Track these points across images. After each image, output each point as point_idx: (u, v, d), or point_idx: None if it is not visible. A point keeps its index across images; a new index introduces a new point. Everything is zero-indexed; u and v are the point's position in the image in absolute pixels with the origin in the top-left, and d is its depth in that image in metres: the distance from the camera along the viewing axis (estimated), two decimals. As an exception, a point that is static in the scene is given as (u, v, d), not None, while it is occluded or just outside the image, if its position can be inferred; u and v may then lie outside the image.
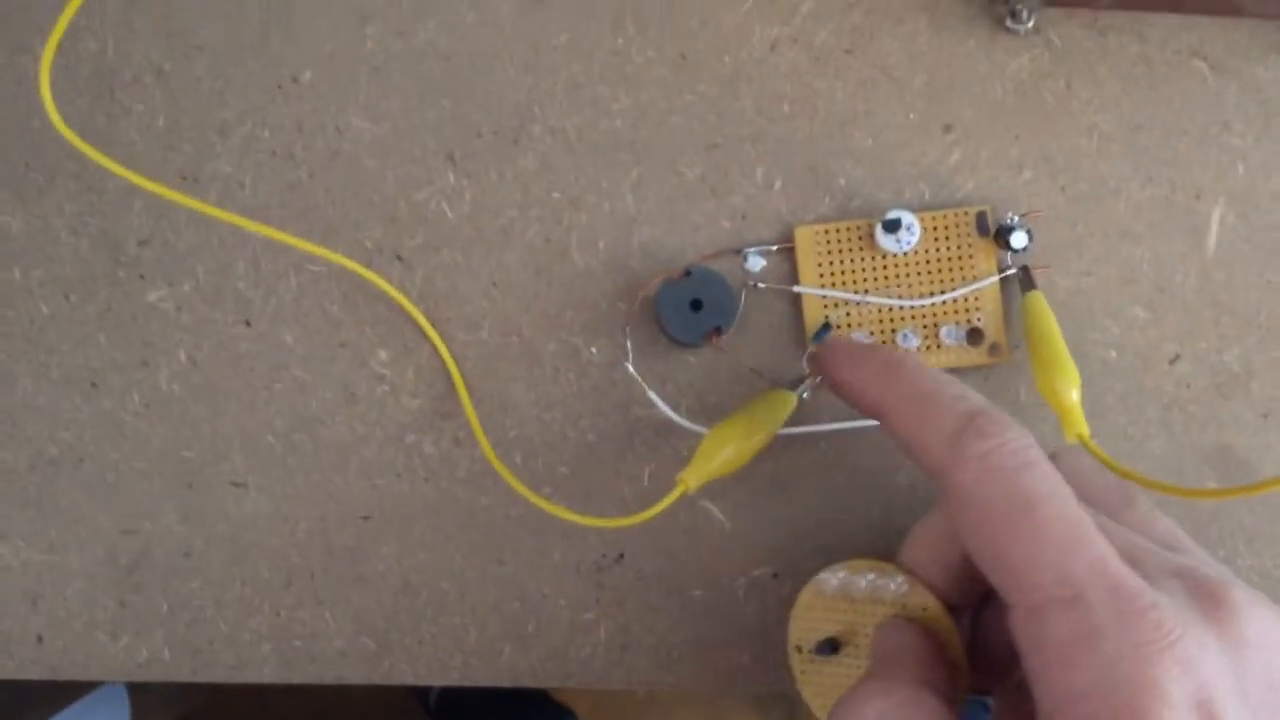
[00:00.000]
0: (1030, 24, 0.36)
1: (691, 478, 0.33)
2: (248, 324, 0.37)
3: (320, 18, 0.37)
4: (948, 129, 0.37)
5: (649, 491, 0.36)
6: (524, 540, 0.37)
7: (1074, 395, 0.34)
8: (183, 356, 0.37)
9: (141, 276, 0.37)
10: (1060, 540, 0.25)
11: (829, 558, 0.36)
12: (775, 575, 0.37)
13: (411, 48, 0.37)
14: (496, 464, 0.35)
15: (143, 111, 0.37)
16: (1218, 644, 0.24)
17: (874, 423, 0.35)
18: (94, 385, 0.37)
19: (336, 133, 0.37)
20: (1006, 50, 0.37)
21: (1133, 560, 0.25)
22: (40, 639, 0.37)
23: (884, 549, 0.36)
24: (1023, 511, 0.25)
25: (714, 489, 0.36)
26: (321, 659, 0.37)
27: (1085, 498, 0.28)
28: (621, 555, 0.37)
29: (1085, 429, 0.34)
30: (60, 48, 0.37)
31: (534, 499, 0.34)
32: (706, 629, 0.37)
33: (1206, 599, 0.25)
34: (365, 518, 0.37)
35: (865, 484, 0.37)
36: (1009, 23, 0.36)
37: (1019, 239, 0.35)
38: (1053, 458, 0.30)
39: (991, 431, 0.26)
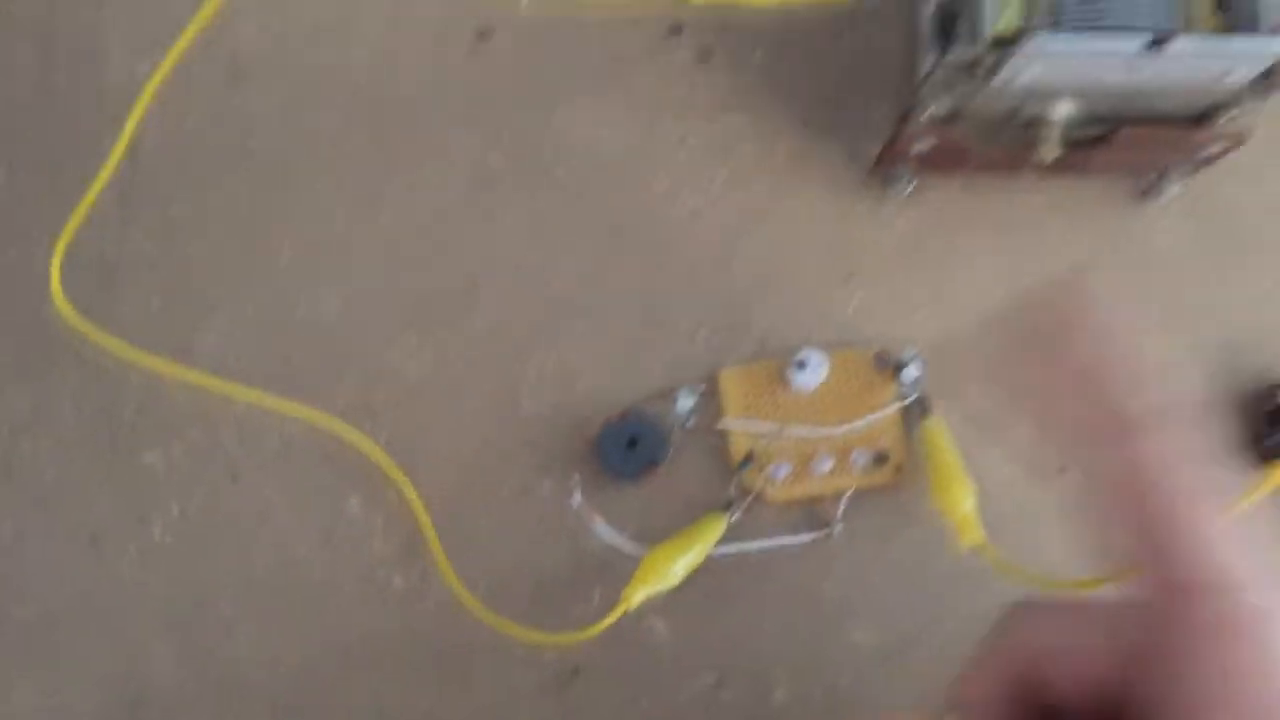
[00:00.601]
0: (910, 188, 0.42)
1: (633, 594, 0.37)
2: (234, 479, 0.41)
3: (295, 207, 0.43)
4: (849, 278, 0.42)
5: (599, 610, 0.40)
6: (488, 665, 0.40)
7: (967, 507, 0.39)
8: (175, 511, 0.41)
9: (137, 441, 0.41)
10: (1236, 537, 0.25)
11: (764, 665, 0.40)
12: (716, 684, 0.40)
13: (375, 229, 0.43)
14: (462, 593, 0.39)
15: (139, 297, 0.42)
16: None
17: (799, 539, 0.40)
18: (94, 541, 0.41)
19: (311, 306, 0.42)
20: (894, 211, 0.43)
21: None
22: (45, 780, 0.40)
23: (812, 655, 0.40)
24: (1206, 500, 0.26)
25: (657, 606, 0.40)
26: (306, 784, 0.40)
27: None
28: (577, 671, 0.40)
29: (980, 537, 0.39)
30: (66, 245, 0.42)
31: (494, 621, 0.38)
32: (658, 738, 0.40)
33: None
34: (343, 652, 0.41)
35: (794, 595, 0.41)
36: (891, 189, 0.42)
37: (910, 373, 0.41)
38: None
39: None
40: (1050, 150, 0.37)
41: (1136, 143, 0.37)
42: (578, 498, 0.40)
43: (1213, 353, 0.42)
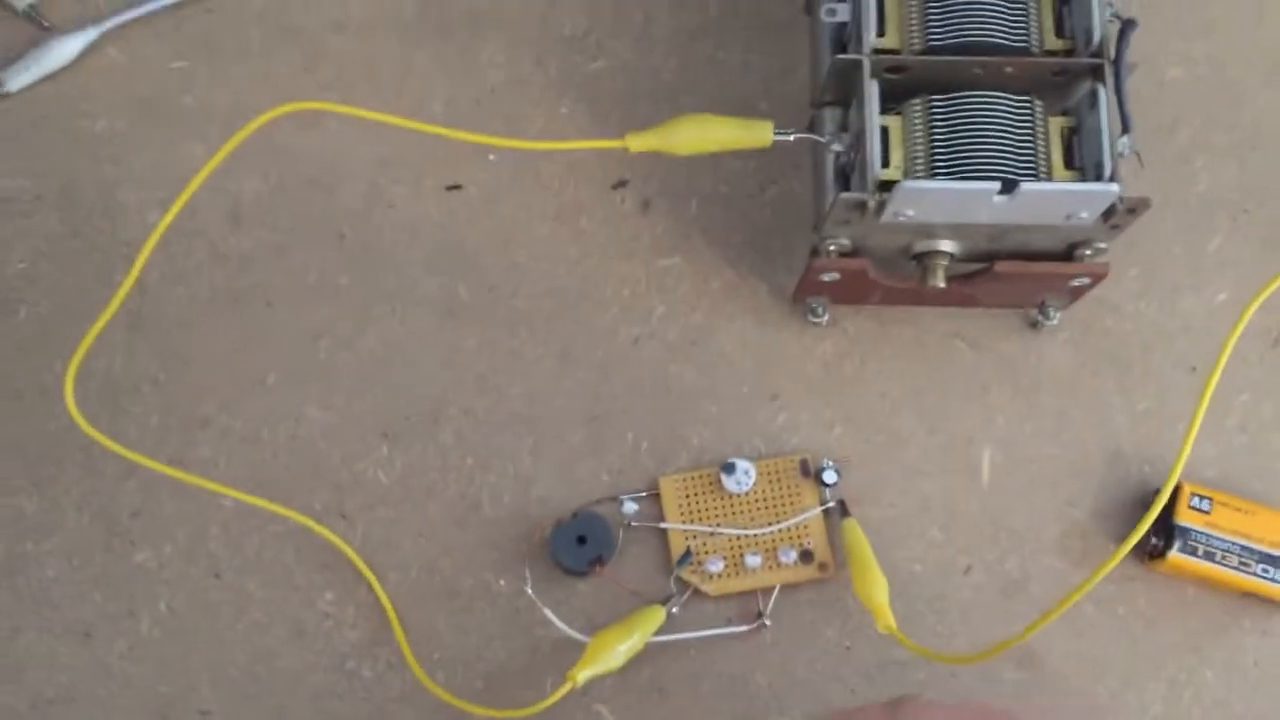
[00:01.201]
0: (826, 318, 0.48)
1: (579, 673, 0.41)
2: (217, 576, 0.45)
3: (283, 335, 0.48)
4: (774, 397, 0.48)
5: (550, 695, 0.44)
6: (448, 747, 0.44)
7: (882, 596, 0.43)
8: (163, 606, 0.45)
9: (132, 542, 0.46)
10: None
11: (702, 747, 0.43)
12: (659, 767, 0.44)
13: (354, 354, 0.48)
14: (425, 680, 0.43)
15: (140, 413, 0.47)
16: None
17: (732, 630, 0.44)
18: (87, 635, 0.45)
19: (294, 421, 0.47)
20: (814, 337, 0.49)
21: None
22: None
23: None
24: None
25: (604, 693, 0.44)
26: None
27: None
28: (529, 756, 0.44)
29: (893, 623, 0.43)
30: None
31: (454, 701, 0.42)
32: (603, 818, 0.43)
33: None
34: (314, 735, 0.44)
35: (728, 683, 0.45)
36: (810, 317, 0.48)
37: (829, 477, 0.46)
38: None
39: None
40: (937, 280, 0.43)
41: (1012, 275, 0.43)
42: (530, 590, 0.44)
43: (1100, 464, 0.47)
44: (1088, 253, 0.43)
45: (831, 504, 0.46)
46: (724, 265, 0.49)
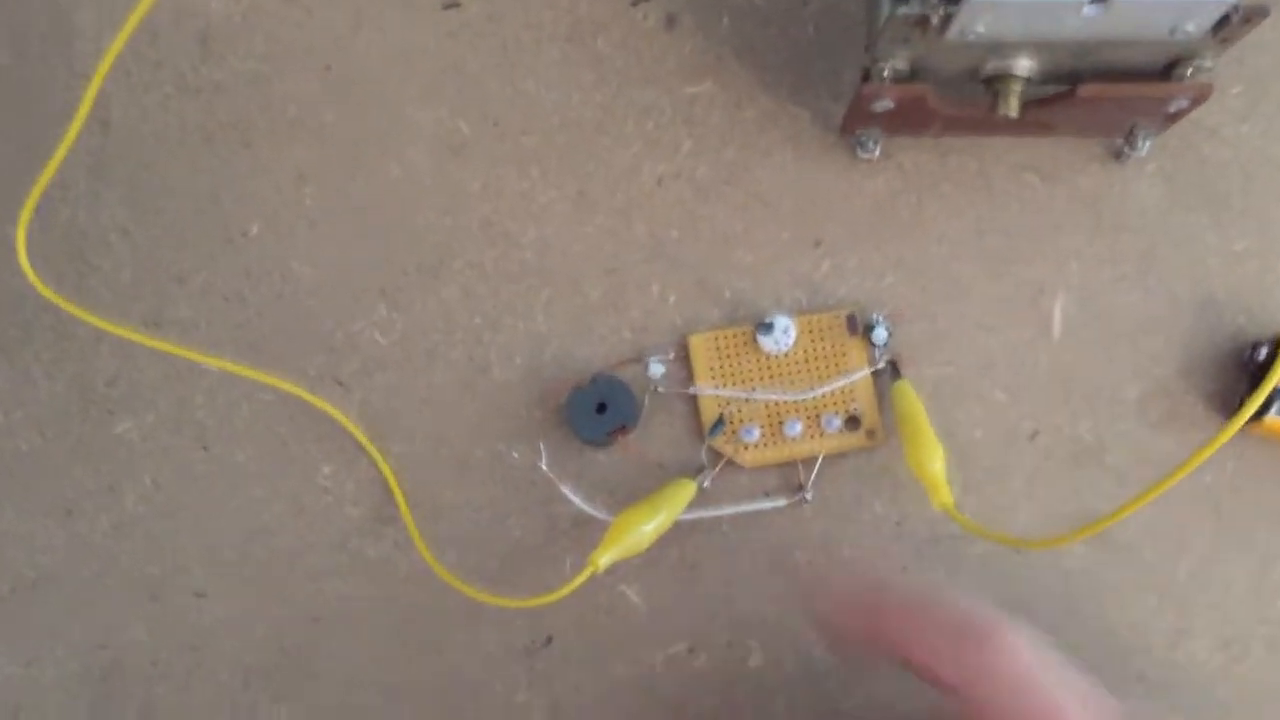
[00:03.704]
0: (878, 151, 0.42)
1: (600, 558, 0.37)
2: (205, 448, 0.41)
3: (264, 180, 0.43)
4: (817, 243, 0.42)
5: (570, 577, 0.40)
6: (460, 631, 0.40)
7: (937, 467, 0.39)
8: (147, 481, 0.41)
9: (110, 411, 0.42)
10: None
11: (738, 632, 0.40)
12: (690, 650, 0.40)
13: (344, 201, 0.43)
14: (432, 562, 0.39)
15: (110, 268, 0.42)
16: None
17: (771, 504, 0.40)
18: (68, 512, 0.41)
19: (280, 278, 0.42)
20: (862, 174, 0.43)
21: None
22: (19, 750, 0.40)
23: (786, 622, 0.40)
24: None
25: (629, 573, 0.40)
26: (278, 752, 0.40)
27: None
28: (550, 639, 0.40)
29: (950, 499, 0.38)
30: (37, 215, 0.42)
31: (464, 588, 0.38)
32: (630, 705, 0.40)
33: None
34: (315, 619, 0.41)
35: (766, 560, 0.41)
36: (860, 151, 0.42)
37: (881, 335, 0.40)
38: None
39: (984, 636, 0.29)
40: (1011, 107, 0.36)
41: (1099, 99, 0.37)
42: (544, 464, 0.40)
43: (1189, 314, 0.42)
44: (1189, 71, 0.36)
45: (881, 364, 0.41)
46: (760, 91, 0.43)
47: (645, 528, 0.38)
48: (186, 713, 0.40)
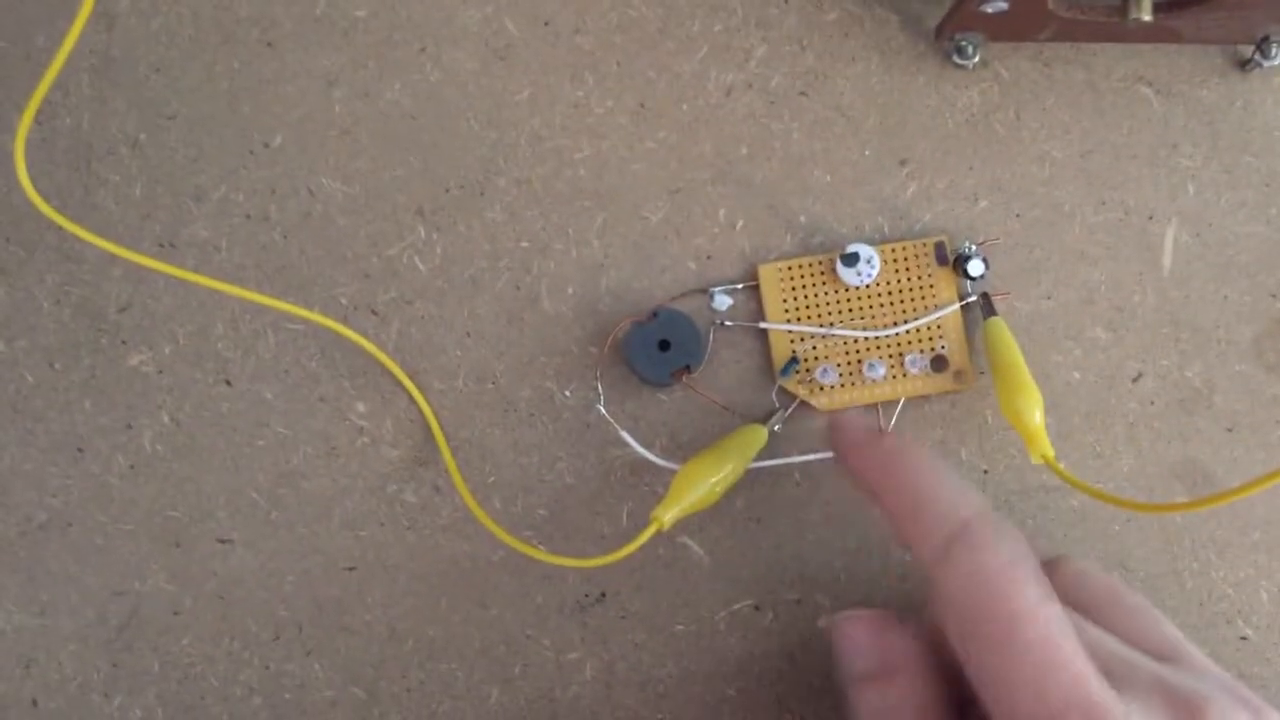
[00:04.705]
0: (976, 59, 0.37)
1: (665, 514, 0.34)
2: (228, 383, 0.38)
3: (288, 84, 0.38)
4: (903, 163, 0.38)
5: (628, 530, 0.37)
6: (507, 584, 0.37)
7: (1037, 417, 0.35)
8: (166, 418, 0.38)
9: (123, 342, 0.38)
10: (1038, 658, 0.25)
11: (808, 589, 0.36)
12: (756, 607, 0.37)
13: (378, 109, 0.38)
14: (476, 510, 0.36)
15: (119, 182, 0.38)
16: None
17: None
18: (80, 450, 0.38)
19: (309, 194, 0.38)
20: (956, 85, 0.38)
21: (1115, 674, 0.26)
22: (35, 702, 0.38)
23: (861, 578, 0.37)
24: (1005, 627, 0.25)
25: (691, 524, 0.37)
26: (312, 710, 0.37)
27: (1079, 603, 0.28)
28: (603, 594, 0.37)
29: (1050, 450, 0.35)
30: (37, 124, 0.38)
31: (513, 543, 0.35)
32: (691, 663, 0.37)
33: (1183, 715, 0.25)
34: (350, 568, 0.37)
35: (839, 513, 0.37)
36: (955, 58, 0.37)
37: (976, 267, 0.36)
38: (1051, 565, 0.30)
39: (981, 543, 0.26)
40: (1143, 9, 0.32)
41: (1248, 2, 0.32)
42: (602, 406, 0.36)
43: (1313, 245, 0.38)
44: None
45: (973, 298, 0.37)
46: (845, -10, 0.38)
47: (713, 480, 0.34)
48: (212, 666, 0.37)
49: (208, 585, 0.38)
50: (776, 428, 0.37)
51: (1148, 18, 0.32)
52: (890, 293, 0.37)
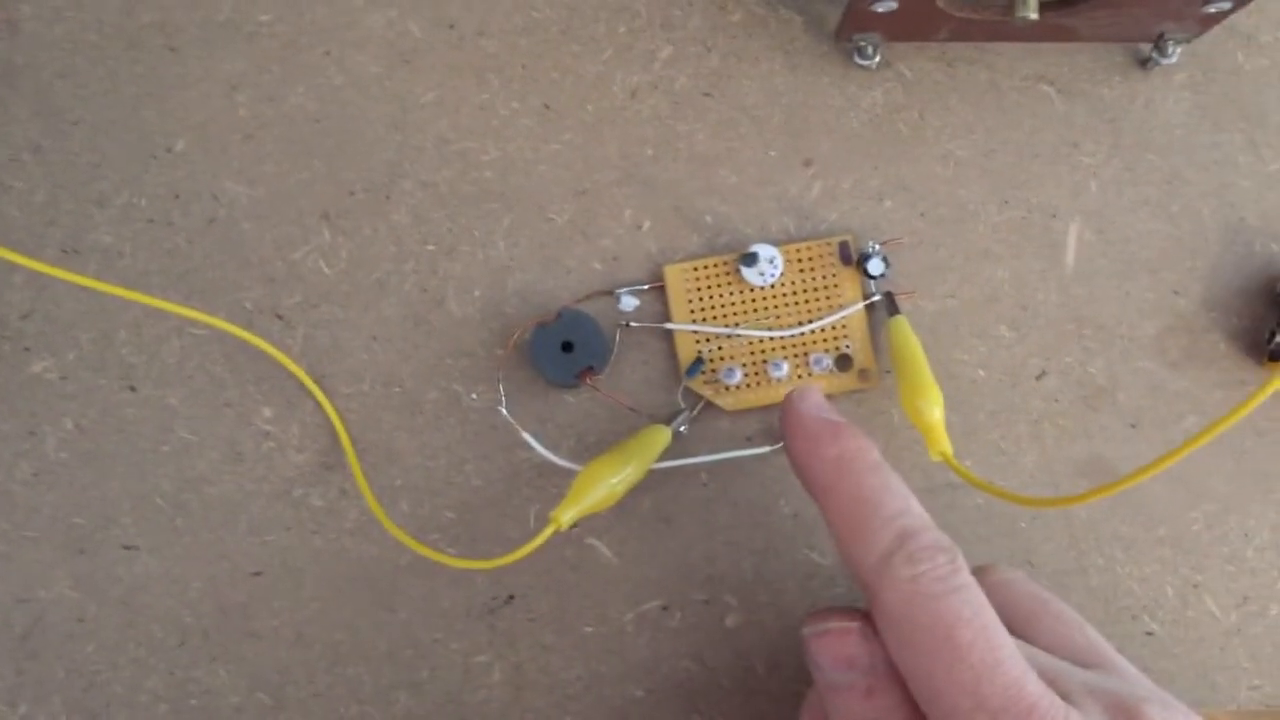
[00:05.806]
0: (877, 59, 0.37)
1: (563, 515, 0.33)
2: (132, 389, 0.38)
3: (192, 88, 0.38)
4: (808, 163, 0.38)
5: (534, 532, 0.37)
6: (414, 587, 0.37)
7: (937, 415, 0.35)
8: (69, 424, 0.38)
9: (25, 349, 0.38)
10: (978, 664, 0.25)
11: (716, 589, 0.36)
12: (664, 608, 0.37)
13: (282, 113, 0.38)
14: (379, 514, 0.36)
15: (21, 188, 0.38)
16: None
17: (752, 452, 0.36)
18: (-17, 458, 0.38)
19: (212, 198, 0.38)
20: (859, 85, 0.38)
21: (1052, 681, 0.26)
22: (-61, 713, 0.37)
23: (768, 578, 0.37)
24: (943, 636, 0.26)
25: (599, 525, 0.37)
26: (218, 716, 0.37)
27: (1005, 611, 0.29)
28: (511, 597, 0.37)
29: (949, 447, 0.35)
30: (-65, 130, 0.38)
31: (416, 546, 0.35)
32: (599, 665, 0.37)
33: (1121, 717, 0.26)
34: (256, 573, 0.37)
35: (747, 513, 0.37)
36: (857, 59, 0.37)
37: (876, 266, 0.36)
38: (979, 572, 0.30)
39: (921, 557, 0.27)
40: (1029, 8, 0.32)
41: (1130, 1, 0.33)
42: (504, 408, 0.36)
43: (1216, 241, 0.38)
44: (1231, -31, 0.32)
45: (877, 297, 0.37)
46: (747, -9, 0.38)
47: (613, 480, 0.34)
48: (118, 673, 0.37)
49: (113, 592, 0.37)
50: (682, 428, 0.37)
51: (1034, 16, 0.32)
52: (795, 293, 0.37)
